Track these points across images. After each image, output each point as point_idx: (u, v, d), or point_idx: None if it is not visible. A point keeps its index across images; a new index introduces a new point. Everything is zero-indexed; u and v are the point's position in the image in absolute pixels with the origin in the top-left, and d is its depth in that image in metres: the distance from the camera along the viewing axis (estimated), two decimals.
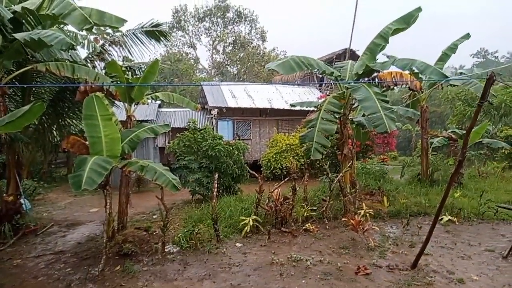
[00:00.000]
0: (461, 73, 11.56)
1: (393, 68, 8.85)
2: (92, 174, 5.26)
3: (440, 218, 7.88)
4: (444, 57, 10.68)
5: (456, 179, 11.20)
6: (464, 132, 9.14)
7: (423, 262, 5.85)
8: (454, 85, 12.00)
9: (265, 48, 38.30)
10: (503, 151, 15.81)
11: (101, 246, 6.30)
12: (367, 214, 7.98)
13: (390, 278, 5.39)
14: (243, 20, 37.74)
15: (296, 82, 23.09)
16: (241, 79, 36.15)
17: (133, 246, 6.69)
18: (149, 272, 5.84)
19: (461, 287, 5.07)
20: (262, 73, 34.38)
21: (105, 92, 7.63)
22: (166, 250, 6.80)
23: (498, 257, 6.18)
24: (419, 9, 8.45)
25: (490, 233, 7.66)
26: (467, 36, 10.61)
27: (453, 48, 10.64)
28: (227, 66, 39.12)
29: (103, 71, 8.90)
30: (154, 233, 7.55)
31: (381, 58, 9.10)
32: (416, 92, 11.45)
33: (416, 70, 8.69)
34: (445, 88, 16.53)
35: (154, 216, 9.53)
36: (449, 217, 8.35)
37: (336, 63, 22.29)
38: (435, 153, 14.46)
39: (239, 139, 15.37)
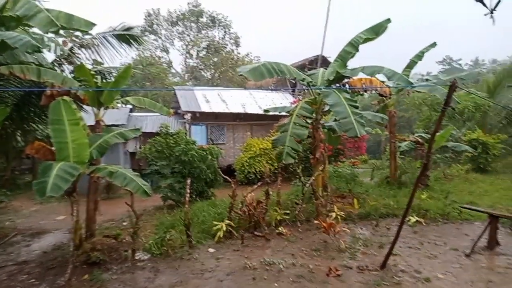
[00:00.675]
0: (426, 80, 12.06)
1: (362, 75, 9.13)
2: (58, 181, 5.08)
3: (407, 219, 8.16)
4: (411, 64, 11.13)
5: (423, 181, 11.63)
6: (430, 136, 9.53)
7: (391, 262, 6.02)
8: (420, 92, 12.51)
9: (239, 54, 38.48)
10: (467, 154, 16.59)
11: (68, 255, 6.09)
12: (339, 217, 8.14)
13: (360, 279, 5.51)
14: (216, 25, 37.75)
15: (269, 88, 23.31)
16: (215, 84, 36.03)
17: (102, 254, 6.49)
18: (118, 281, 5.69)
19: (427, 285, 5.25)
20: (236, 78, 34.44)
21: (72, 96, 7.42)
22: (136, 257, 6.65)
23: (462, 256, 6.45)
24: (388, 21, 8.77)
25: (455, 233, 7.99)
26: (434, 44, 11.10)
27: (420, 56, 11.11)
28: (200, 70, 38.91)
29: (72, 75, 8.64)
30: (124, 240, 7.37)
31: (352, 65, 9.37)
32: (385, 98, 11.83)
33: (383, 77, 8.99)
34: (411, 94, 17.18)
35: (124, 223, 9.30)
36: (416, 218, 8.65)
37: (308, 68, 22.66)
38: (403, 156, 14.97)
39: (212, 144, 15.31)
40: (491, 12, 2.19)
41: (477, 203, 10.17)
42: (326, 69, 9.78)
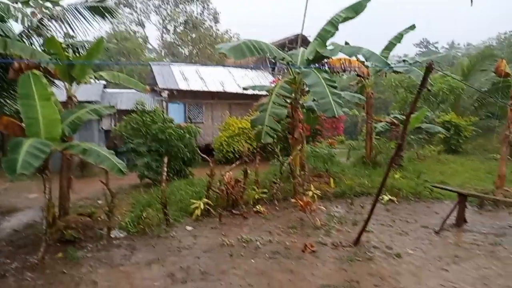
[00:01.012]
0: (403, 61, 12.19)
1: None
2: (29, 158, 4.89)
3: (381, 197, 8.41)
4: (390, 46, 11.17)
5: (396, 161, 11.95)
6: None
7: (364, 239, 6.23)
8: (398, 73, 12.65)
9: (218, 30, 37.57)
10: (440, 135, 17.12)
11: (41, 233, 5.94)
12: (315, 195, 8.29)
13: (334, 255, 5.68)
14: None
15: (249, 66, 23.03)
16: (193, 61, 35.24)
17: (76, 232, 6.39)
18: (93, 258, 5.63)
19: (398, 261, 5.47)
20: (214, 56, 33.76)
21: (42, 70, 7.07)
22: (112, 235, 6.59)
23: (432, 233, 6.75)
24: None
25: (425, 211, 8.33)
26: (413, 27, 11.16)
27: (399, 38, 11.15)
28: (178, 46, 37.87)
29: (42, 48, 8.21)
30: (99, 218, 7.27)
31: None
32: (363, 79, 11.92)
33: (362, 58, 9.03)
34: (388, 76, 17.40)
35: (99, 202, 9.13)
36: (390, 196, 8.94)
37: (288, 47, 22.46)
38: (379, 137, 15.26)
39: (191, 123, 15.11)
40: None
41: (448, 183, 10.59)
42: (306, 48, 9.71)
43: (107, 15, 8.85)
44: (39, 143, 5.32)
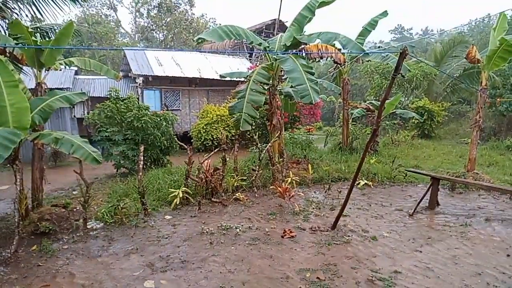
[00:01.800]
0: (379, 47, 12.33)
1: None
2: None
3: (357, 182, 8.60)
4: (364, 32, 11.26)
5: (372, 146, 12.22)
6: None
7: (342, 223, 6.37)
8: (372, 60, 12.80)
9: (193, 14, 36.76)
10: (414, 120, 17.58)
11: (13, 226, 5.74)
12: (294, 182, 8.39)
13: (312, 239, 5.78)
14: None
15: (226, 51, 22.71)
16: (168, 46, 34.44)
17: (51, 224, 6.21)
18: (70, 250, 5.50)
19: (374, 243, 5.63)
20: (190, 41, 33.07)
21: (8, 56, 6.71)
22: (88, 226, 6.45)
23: (406, 216, 6.96)
24: None
25: (400, 195, 8.57)
26: (385, 13, 11.26)
27: (373, 24, 11.25)
28: (152, 31, 36.83)
29: (7, 32, 7.77)
30: (75, 209, 7.07)
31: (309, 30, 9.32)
32: (339, 65, 11.98)
33: (338, 45, 9.07)
34: (364, 62, 17.60)
35: (74, 192, 8.92)
36: (365, 181, 9.14)
37: (265, 33, 22.25)
38: (355, 123, 15.53)
39: (167, 110, 14.82)
40: None
41: (421, 167, 10.94)
42: (283, 34, 9.65)
43: None
44: (8, 132, 5.07)
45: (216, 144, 14.83)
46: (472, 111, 17.63)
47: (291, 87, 10.08)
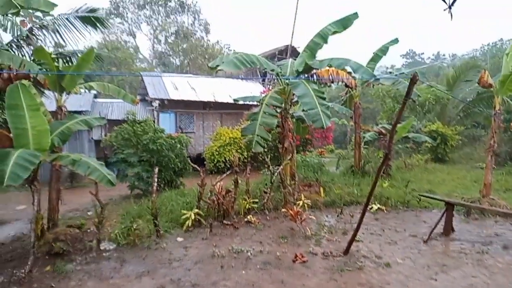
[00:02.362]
0: (390, 73, 12.47)
1: None
2: (17, 169, 4.85)
3: (370, 207, 8.52)
4: (375, 58, 11.44)
5: (385, 170, 12.12)
6: None
7: (354, 248, 6.28)
8: (384, 84, 12.91)
9: (209, 41, 37.82)
10: (427, 144, 17.40)
11: (29, 246, 5.86)
12: (305, 205, 8.36)
13: (324, 265, 5.71)
14: (185, 10, 36.79)
15: (239, 77, 23.19)
16: (184, 71, 35.32)
17: (65, 245, 6.31)
18: (82, 271, 5.57)
19: (387, 270, 5.53)
20: (205, 66, 33.89)
21: (32, 80, 7.05)
22: (101, 247, 6.53)
23: (420, 242, 6.83)
24: (355, 15, 8.97)
25: (414, 220, 8.43)
26: (396, 40, 11.46)
27: (383, 50, 11.43)
28: (169, 56, 37.94)
29: (31, 57, 8.18)
30: (89, 230, 7.20)
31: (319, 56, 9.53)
32: (350, 89, 12.12)
33: (350, 70, 9.23)
34: (376, 86, 17.70)
35: (89, 213, 9.06)
36: (378, 205, 9.04)
37: (278, 58, 22.70)
38: (367, 146, 15.47)
39: (182, 132, 15.10)
40: (449, 8, 2.31)
41: (435, 192, 10.77)
42: (295, 59, 9.87)
43: (98, 25, 8.91)
44: (28, 154, 5.29)
45: (228, 166, 14.92)
46: (486, 135, 17.35)
47: (303, 110, 10.21)
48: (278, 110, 9.34)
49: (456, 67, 22.15)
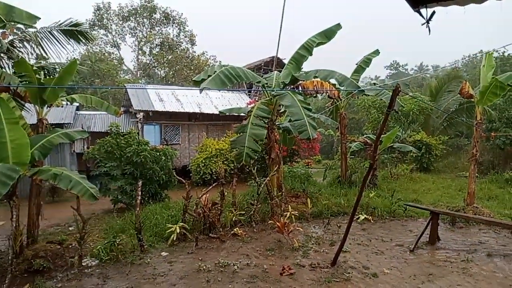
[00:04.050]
0: (374, 84, 12.66)
1: None
2: None
3: (356, 217, 8.52)
4: (359, 69, 11.62)
5: (371, 180, 12.19)
6: None
7: (342, 259, 6.26)
8: (368, 95, 13.09)
9: (194, 52, 37.80)
10: (412, 154, 17.62)
11: (6, 263, 5.65)
12: (292, 216, 8.30)
13: (312, 276, 5.66)
14: (171, 22, 36.81)
15: (225, 88, 23.20)
16: (169, 83, 35.17)
17: (45, 262, 6.10)
18: None
19: (375, 280, 5.51)
20: (191, 77, 33.82)
21: (12, 93, 6.89)
22: (83, 264, 6.33)
23: (406, 251, 6.86)
24: (338, 26, 9.13)
25: (400, 229, 8.47)
26: (377, 52, 11.68)
27: (366, 62, 11.62)
28: (154, 68, 37.76)
29: (12, 70, 8.00)
30: (70, 246, 6.98)
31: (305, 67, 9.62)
32: (335, 100, 12.25)
33: (334, 82, 9.33)
34: (361, 97, 17.93)
35: (70, 228, 8.80)
36: (365, 215, 9.05)
37: (264, 69, 22.89)
38: (353, 156, 15.57)
39: (167, 144, 14.94)
40: (427, 22, 2.33)
41: (421, 201, 10.88)
42: (280, 71, 9.95)
43: (81, 38, 8.81)
44: (7, 168, 5.13)
45: (215, 178, 14.80)
46: (469, 145, 17.74)
47: (290, 121, 10.24)
48: (265, 121, 9.34)
49: (439, 78, 22.70)
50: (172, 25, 37.19)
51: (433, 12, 2.38)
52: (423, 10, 2.38)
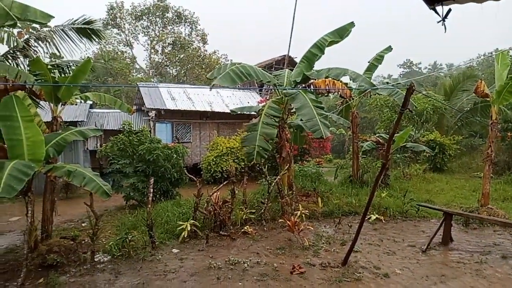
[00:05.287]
0: (387, 83, 12.51)
1: None
2: (11, 181, 4.79)
3: (368, 217, 8.44)
4: (371, 67, 11.49)
5: (383, 180, 12.07)
6: None
7: (352, 259, 6.21)
8: (381, 94, 12.95)
9: (206, 51, 37.91)
10: (425, 154, 17.37)
11: (22, 258, 5.77)
12: (303, 215, 8.28)
13: (322, 276, 5.63)
14: (183, 21, 37.00)
15: (237, 87, 23.23)
16: (181, 81, 35.39)
17: (59, 257, 6.21)
18: (76, 284, 5.46)
19: (386, 281, 5.46)
20: (202, 76, 33.96)
21: (27, 91, 7.02)
22: (96, 259, 6.42)
23: (419, 252, 6.77)
24: (352, 24, 9.00)
25: (412, 230, 8.36)
26: (389, 48, 11.53)
27: (379, 59, 11.49)
28: (166, 67, 38.03)
29: (27, 68, 8.16)
30: (83, 242, 7.08)
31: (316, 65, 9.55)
32: (347, 99, 12.16)
33: (347, 80, 9.25)
34: (373, 96, 17.75)
35: (83, 224, 8.94)
36: (377, 215, 8.96)
37: (275, 68, 22.86)
38: (365, 156, 15.42)
39: (178, 142, 15.05)
40: (443, 20, 2.29)
41: (434, 201, 10.72)
42: (291, 70, 9.90)
43: (94, 36, 8.92)
44: (22, 165, 5.23)
45: (225, 176, 14.83)
46: (484, 145, 17.39)
47: (301, 120, 10.20)
48: (276, 120, 9.32)
49: (453, 77, 22.28)
50: (184, 24, 37.37)
51: (449, 10, 2.34)
52: (438, 8, 2.35)
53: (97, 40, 9.01)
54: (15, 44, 8.16)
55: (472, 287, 5.16)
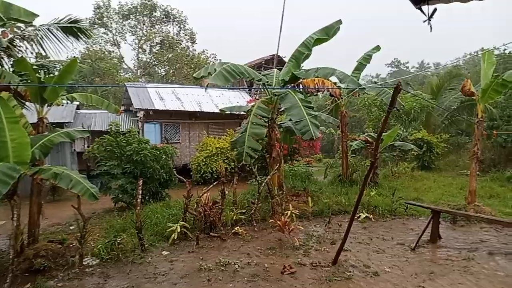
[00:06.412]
0: (375, 82, 12.62)
1: None
2: None
3: (357, 215, 8.52)
4: (360, 67, 11.57)
5: (372, 179, 12.17)
6: None
7: (342, 258, 6.24)
8: (369, 93, 13.06)
9: (195, 50, 37.70)
10: (413, 152, 17.59)
11: (7, 263, 5.64)
12: (293, 215, 8.30)
13: (313, 275, 5.65)
14: (171, 20, 36.71)
15: (226, 87, 23.16)
16: (169, 81, 35.12)
17: (46, 261, 6.09)
18: None
19: (376, 279, 5.50)
20: (191, 75, 33.73)
21: (12, 92, 6.87)
22: (84, 263, 6.33)
23: (407, 250, 6.85)
24: (339, 22, 9.03)
25: (401, 228, 8.45)
26: (378, 47, 11.63)
27: (367, 59, 11.57)
28: (154, 66, 37.69)
29: (11, 69, 7.99)
30: (71, 245, 6.96)
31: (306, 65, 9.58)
32: (336, 99, 12.22)
33: (335, 79, 9.29)
34: (361, 95, 17.90)
35: (71, 227, 8.79)
36: (366, 214, 9.05)
37: (264, 67, 22.87)
38: (354, 155, 15.54)
39: (167, 143, 14.91)
40: (429, 19, 2.31)
41: (422, 199, 10.85)
42: (280, 69, 9.92)
43: (80, 35, 8.77)
44: (7, 167, 5.12)
45: (215, 176, 14.77)
46: (471, 143, 17.71)
47: (290, 120, 10.22)
48: (266, 120, 9.32)
49: (440, 76, 22.60)
50: (172, 23, 37.07)
51: (435, 9, 2.37)
52: (424, 8, 2.37)
53: (84, 38, 8.87)
54: None
55: (460, 284, 5.23)
